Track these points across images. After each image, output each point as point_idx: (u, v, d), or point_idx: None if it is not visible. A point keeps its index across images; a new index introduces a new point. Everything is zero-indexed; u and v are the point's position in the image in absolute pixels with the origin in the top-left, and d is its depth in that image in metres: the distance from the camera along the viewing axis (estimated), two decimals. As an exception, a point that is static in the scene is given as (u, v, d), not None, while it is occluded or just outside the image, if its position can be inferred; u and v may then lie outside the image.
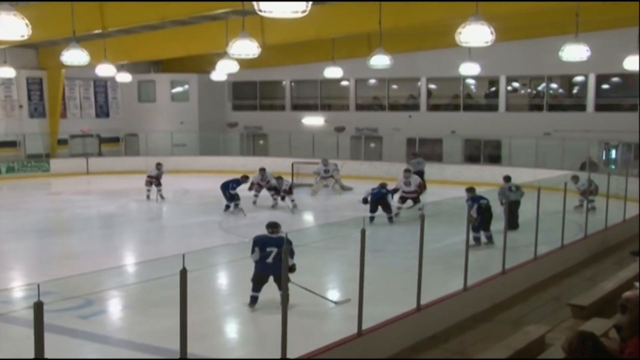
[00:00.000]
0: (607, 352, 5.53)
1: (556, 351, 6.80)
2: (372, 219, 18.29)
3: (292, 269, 10.30)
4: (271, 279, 10.69)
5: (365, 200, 19.22)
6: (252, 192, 22.11)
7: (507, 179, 18.57)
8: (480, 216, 15.38)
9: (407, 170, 20.29)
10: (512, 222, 15.91)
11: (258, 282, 10.85)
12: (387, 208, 18.98)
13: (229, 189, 20.86)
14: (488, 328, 9.92)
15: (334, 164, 26.34)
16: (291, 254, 10.27)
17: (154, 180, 23.63)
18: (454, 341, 9.28)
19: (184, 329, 6.34)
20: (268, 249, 10.60)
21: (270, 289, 10.74)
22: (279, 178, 21.81)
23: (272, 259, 10.52)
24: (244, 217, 20.06)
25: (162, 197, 23.60)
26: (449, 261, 13.33)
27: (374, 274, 9.62)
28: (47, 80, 32.40)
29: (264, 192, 22.15)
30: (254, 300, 10.89)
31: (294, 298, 10.01)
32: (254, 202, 21.92)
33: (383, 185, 19.40)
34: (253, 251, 10.64)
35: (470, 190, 16.45)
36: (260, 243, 10.66)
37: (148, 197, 23.69)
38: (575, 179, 19.94)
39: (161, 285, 9.26)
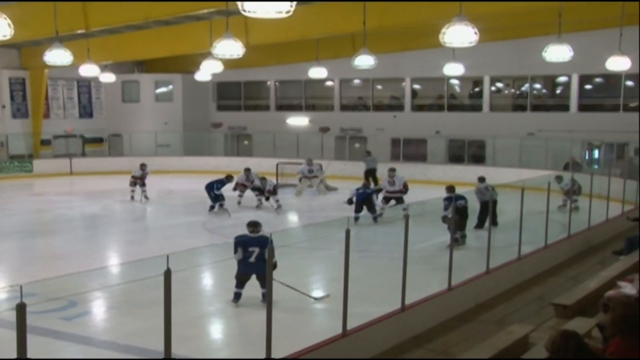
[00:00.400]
0: (590, 351, 5.56)
1: (539, 350, 6.83)
2: (356, 219, 18.31)
3: (274, 266, 10.39)
4: (254, 276, 10.84)
5: (350, 201, 19.24)
6: (237, 193, 22.09)
7: (482, 179, 18.68)
8: (456, 216, 15.38)
9: (391, 170, 20.27)
10: (492, 220, 16.43)
11: (241, 281, 10.98)
12: (372, 208, 18.98)
13: (213, 189, 20.82)
14: (472, 328, 9.95)
15: (318, 164, 26.35)
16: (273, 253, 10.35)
17: (138, 180, 23.55)
18: (438, 341, 9.30)
19: (168, 330, 6.32)
20: (250, 249, 10.71)
21: (253, 288, 10.78)
22: (263, 179, 21.78)
23: (255, 258, 10.66)
24: (229, 217, 20.02)
25: (146, 197, 23.52)
26: (433, 261, 13.38)
27: (358, 274, 9.65)
28: (29, 80, 32.20)
29: (249, 193, 22.13)
30: (237, 296, 11.00)
31: (277, 295, 9.98)
32: (239, 203, 21.89)
33: (366, 185, 19.41)
34: (236, 251, 10.76)
35: (450, 189, 16.51)
36: (242, 243, 10.77)
37: (132, 197, 23.60)
38: (558, 179, 20.04)
39: (145, 286, 9.23)
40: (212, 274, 13.22)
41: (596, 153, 29.09)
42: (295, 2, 7.74)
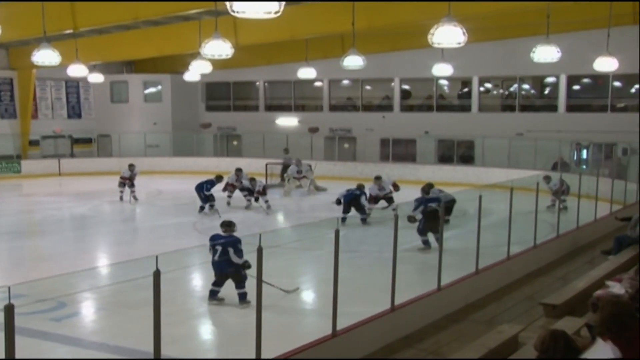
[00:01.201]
0: (579, 351, 5.58)
1: (529, 350, 6.85)
2: (344, 219, 18.30)
3: (244, 265, 10.61)
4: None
5: (338, 202, 19.22)
6: (226, 193, 22.04)
7: (431, 185, 18.95)
8: (424, 219, 15.42)
9: (377, 178, 20.15)
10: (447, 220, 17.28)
11: (217, 279, 11.11)
12: (360, 209, 18.96)
13: (203, 190, 20.77)
14: (462, 327, 9.96)
15: (307, 165, 26.33)
16: (239, 253, 10.63)
17: (127, 181, 23.47)
18: (428, 341, 9.31)
19: (157, 331, 6.31)
20: (216, 247, 10.91)
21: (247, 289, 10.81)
22: (252, 179, 21.73)
23: (218, 256, 10.84)
24: (219, 218, 19.95)
25: (135, 198, 23.44)
26: (423, 261, 13.41)
27: (348, 275, 9.64)
28: (17, 80, 32.05)
29: (238, 193, 22.08)
30: (211, 293, 11.15)
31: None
32: (228, 203, 21.85)
33: (360, 187, 19.36)
34: (209, 249, 11.07)
35: (424, 189, 16.58)
36: (210, 241, 11.10)
37: (121, 198, 23.51)
38: (547, 179, 20.11)
39: (135, 287, 9.25)
40: (202, 274, 13.16)
41: (584, 153, 29.20)
42: (284, 3, 7.74)
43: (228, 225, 11.31)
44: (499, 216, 15.06)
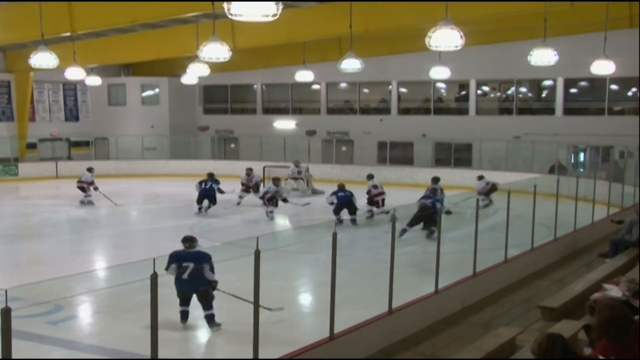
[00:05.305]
0: (576, 354, 5.58)
1: (526, 353, 6.85)
2: (341, 221, 18.31)
3: (214, 284, 10.09)
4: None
5: (332, 203, 19.25)
6: (238, 194, 22.37)
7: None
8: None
9: (370, 177, 20.71)
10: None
11: (182, 299, 10.21)
12: (353, 210, 19.28)
13: (215, 191, 20.99)
14: (459, 330, 9.95)
15: (305, 166, 26.39)
16: (213, 269, 10.00)
17: (85, 185, 23.47)
18: (425, 344, 9.30)
19: (154, 334, 6.30)
20: (184, 264, 9.96)
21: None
22: (277, 179, 21.88)
23: (188, 275, 9.93)
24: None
25: (91, 202, 23.42)
26: (420, 264, 13.40)
27: (345, 278, 9.63)
28: (15, 83, 32.03)
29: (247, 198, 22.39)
30: (182, 315, 10.26)
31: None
32: (238, 204, 22.00)
33: (342, 188, 19.74)
34: (167, 267, 9.83)
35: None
36: (175, 258, 10.00)
37: (85, 202, 23.48)
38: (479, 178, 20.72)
39: (132, 290, 9.23)
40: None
41: (582, 156, 29.24)
42: (281, 5, 7.73)
43: (191, 241, 10.32)
44: (496, 219, 15.06)
